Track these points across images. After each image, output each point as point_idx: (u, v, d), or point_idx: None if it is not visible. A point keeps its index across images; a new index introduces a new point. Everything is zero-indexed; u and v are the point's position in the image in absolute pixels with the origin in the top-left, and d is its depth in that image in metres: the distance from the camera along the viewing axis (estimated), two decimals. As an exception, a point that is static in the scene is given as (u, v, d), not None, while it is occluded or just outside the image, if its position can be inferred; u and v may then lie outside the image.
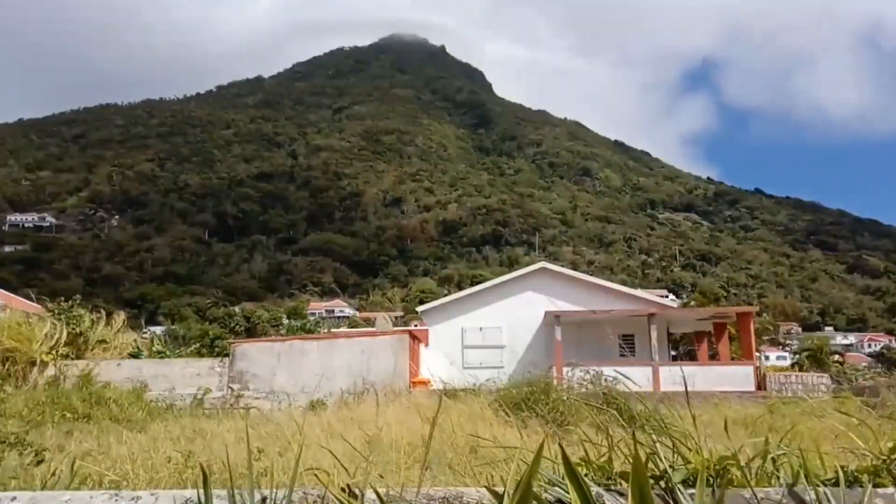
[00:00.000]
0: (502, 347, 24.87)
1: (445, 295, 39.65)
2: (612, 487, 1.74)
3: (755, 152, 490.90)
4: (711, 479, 1.74)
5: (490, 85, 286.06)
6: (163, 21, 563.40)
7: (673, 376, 20.51)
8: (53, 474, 4.17)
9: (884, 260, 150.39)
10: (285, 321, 51.12)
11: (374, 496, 1.69)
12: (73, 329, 20.72)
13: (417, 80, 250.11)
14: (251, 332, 49.65)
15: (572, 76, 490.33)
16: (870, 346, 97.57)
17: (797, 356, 46.42)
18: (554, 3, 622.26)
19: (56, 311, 21.38)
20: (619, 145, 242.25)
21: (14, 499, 1.81)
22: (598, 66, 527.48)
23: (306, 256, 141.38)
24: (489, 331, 25.25)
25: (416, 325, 30.39)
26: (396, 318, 49.95)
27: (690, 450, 1.99)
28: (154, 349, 25.05)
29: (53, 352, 19.49)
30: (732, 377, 21.15)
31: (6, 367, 18.51)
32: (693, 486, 1.73)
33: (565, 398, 9.66)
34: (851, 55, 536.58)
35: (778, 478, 1.90)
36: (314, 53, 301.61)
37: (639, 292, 32.57)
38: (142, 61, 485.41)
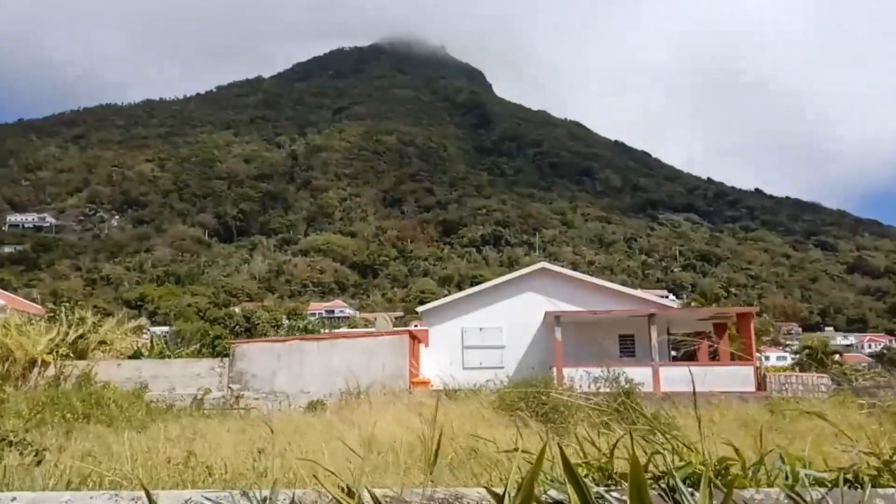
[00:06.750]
0: (502, 348, 24.86)
1: (445, 295, 39.64)
2: (613, 488, 1.74)
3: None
4: (712, 480, 1.74)
5: (490, 85, 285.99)
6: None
7: (673, 377, 20.50)
8: (53, 475, 4.17)
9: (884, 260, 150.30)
10: (285, 321, 51.07)
11: (373, 496, 1.69)
12: (75, 330, 20.72)
13: (417, 80, 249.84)
14: (251, 333, 49.58)
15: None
16: (870, 346, 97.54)
17: (797, 356, 46.39)
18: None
19: (57, 312, 21.39)
20: (619, 145, 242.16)
21: (14, 499, 1.81)
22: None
23: (306, 256, 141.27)
24: (489, 331, 25.22)
25: (416, 326, 30.38)
26: (396, 318, 49.92)
27: (691, 450, 1.99)
28: (154, 349, 25.06)
29: (54, 352, 19.50)
30: (733, 377, 21.12)
31: (6, 367, 18.51)
32: (694, 486, 1.73)
33: (566, 398, 9.63)
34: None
35: (778, 478, 1.90)
36: (314, 53, 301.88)
37: (639, 293, 32.58)
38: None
